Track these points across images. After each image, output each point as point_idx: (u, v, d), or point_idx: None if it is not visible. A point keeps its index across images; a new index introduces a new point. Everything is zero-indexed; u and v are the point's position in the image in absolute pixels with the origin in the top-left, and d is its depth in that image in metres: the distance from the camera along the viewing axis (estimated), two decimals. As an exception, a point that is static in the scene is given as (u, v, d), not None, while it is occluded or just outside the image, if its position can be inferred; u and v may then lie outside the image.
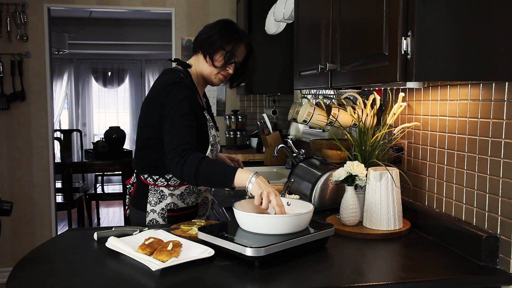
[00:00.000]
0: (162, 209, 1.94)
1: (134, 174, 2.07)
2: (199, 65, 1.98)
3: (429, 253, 1.52)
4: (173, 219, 1.94)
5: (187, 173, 1.68)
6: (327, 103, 2.31)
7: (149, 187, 1.96)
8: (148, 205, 1.94)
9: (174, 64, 2.06)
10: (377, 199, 1.68)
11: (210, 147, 1.95)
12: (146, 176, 1.96)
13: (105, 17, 6.89)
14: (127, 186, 2.10)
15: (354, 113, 2.09)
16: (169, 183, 1.94)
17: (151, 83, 8.08)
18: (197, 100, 1.93)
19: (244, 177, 1.62)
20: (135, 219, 2.00)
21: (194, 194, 2.00)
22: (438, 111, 1.69)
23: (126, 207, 2.12)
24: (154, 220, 1.94)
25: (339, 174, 1.72)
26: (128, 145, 7.48)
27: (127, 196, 2.11)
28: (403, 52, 1.21)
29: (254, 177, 1.61)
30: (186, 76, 1.94)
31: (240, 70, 2.05)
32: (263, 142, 3.65)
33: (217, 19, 2.05)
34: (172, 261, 1.34)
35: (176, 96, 1.82)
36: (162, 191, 1.94)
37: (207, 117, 1.98)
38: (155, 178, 1.94)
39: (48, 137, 4.11)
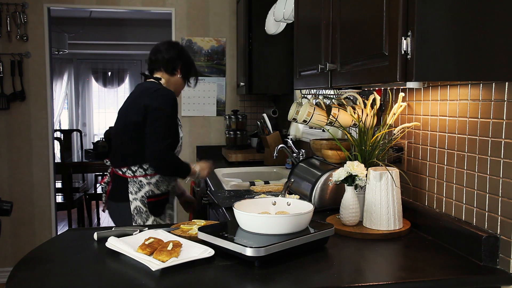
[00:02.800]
0: (142, 196, 2.27)
1: (108, 174, 2.39)
2: (174, 82, 2.49)
3: (429, 253, 1.52)
4: (152, 205, 2.29)
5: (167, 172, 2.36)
6: (327, 103, 2.31)
7: (128, 180, 2.29)
8: (130, 195, 2.27)
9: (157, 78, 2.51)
10: (377, 199, 1.68)
11: (179, 146, 2.42)
12: (125, 169, 2.29)
13: (105, 17, 6.89)
14: (102, 185, 2.43)
15: (354, 113, 2.09)
16: (147, 172, 2.30)
17: (151, 83, 8.09)
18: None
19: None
20: (117, 213, 2.34)
21: (166, 182, 2.38)
22: (438, 111, 1.69)
23: (104, 205, 2.40)
24: (138, 207, 2.26)
25: (339, 174, 1.72)
26: (128, 145, 7.44)
27: (103, 195, 2.41)
28: (403, 52, 1.21)
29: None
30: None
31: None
32: (263, 142, 3.65)
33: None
34: (172, 261, 1.34)
35: (165, 101, 2.27)
36: (140, 181, 2.29)
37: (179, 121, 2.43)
38: (134, 170, 2.28)
39: (48, 137, 4.11)
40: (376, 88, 2.05)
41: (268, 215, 1.51)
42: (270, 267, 1.36)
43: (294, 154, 2.91)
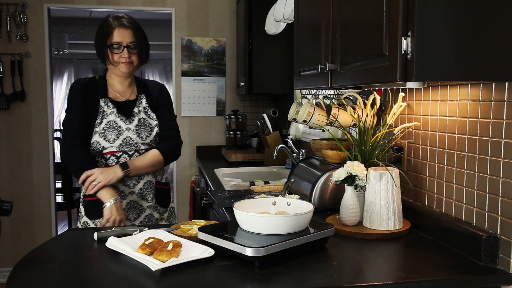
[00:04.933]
0: (82, 195, 2.13)
1: None
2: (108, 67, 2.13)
3: (429, 253, 1.52)
4: (88, 205, 2.10)
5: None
6: (327, 103, 2.31)
7: None
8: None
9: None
10: (377, 199, 1.68)
11: (95, 128, 2.05)
12: None
13: (105, 17, 6.88)
14: None
15: (354, 113, 2.09)
16: None
17: (151, 83, 8.09)
18: (91, 94, 2.09)
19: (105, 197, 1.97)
20: None
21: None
22: (438, 111, 1.69)
23: None
24: (79, 209, 2.17)
25: (339, 174, 1.72)
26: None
27: None
28: (403, 52, 1.21)
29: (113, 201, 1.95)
30: (94, 77, 2.17)
31: (139, 47, 2.08)
32: (263, 142, 3.65)
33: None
34: (172, 261, 1.34)
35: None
36: None
37: (102, 104, 2.09)
38: None
39: (48, 137, 4.11)
40: (376, 88, 2.05)
41: (268, 215, 1.51)
42: (270, 267, 1.36)
43: (294, 154, 2.91)
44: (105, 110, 2.08)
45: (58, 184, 5.34)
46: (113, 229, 1.66)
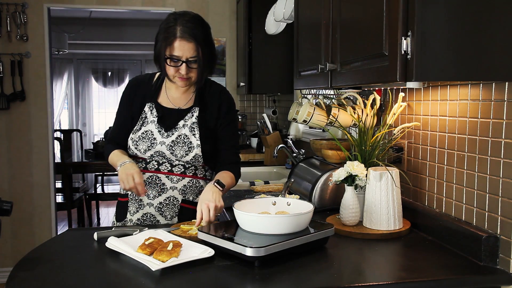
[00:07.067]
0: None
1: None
2: None
3: (429, 253, 1.52)
4: (118, 205, 2.02)
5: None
6: (327, 103, 2.31)
7: None
8: None
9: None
10: (377, 199, 1.68)
11: (131, 134, 1.91)
12: None
13: (105, 17, 6.89)
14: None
15: (354, 113, 2.09)
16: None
17: (151, 83, 8.10)
18: (139, 96, 1.95)
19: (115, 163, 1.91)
20: None
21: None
22: (438, 111, 1.69)
23: None
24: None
25: (339, 174, 1.72)
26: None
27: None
28: (403, 52, 1.21)
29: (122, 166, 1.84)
30: (153, 75, 2.00)
31: (201, 62, 1.80)
32: (263, 142, 3.65)
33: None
34: (172, 261, 1.34)
35: None
36: None
37: (146, 109, 1.92)
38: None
39: (48, 137, 4.11)
40: (376, 88, 2.05)
41: (268, 215, 1.51)
42: (270, 267, 1.36)
43: (294, 154, 2.91)
44: (148, 116, 1.90)
45: (58, 184, 5.34)
46: (113, 229, 1.66)
